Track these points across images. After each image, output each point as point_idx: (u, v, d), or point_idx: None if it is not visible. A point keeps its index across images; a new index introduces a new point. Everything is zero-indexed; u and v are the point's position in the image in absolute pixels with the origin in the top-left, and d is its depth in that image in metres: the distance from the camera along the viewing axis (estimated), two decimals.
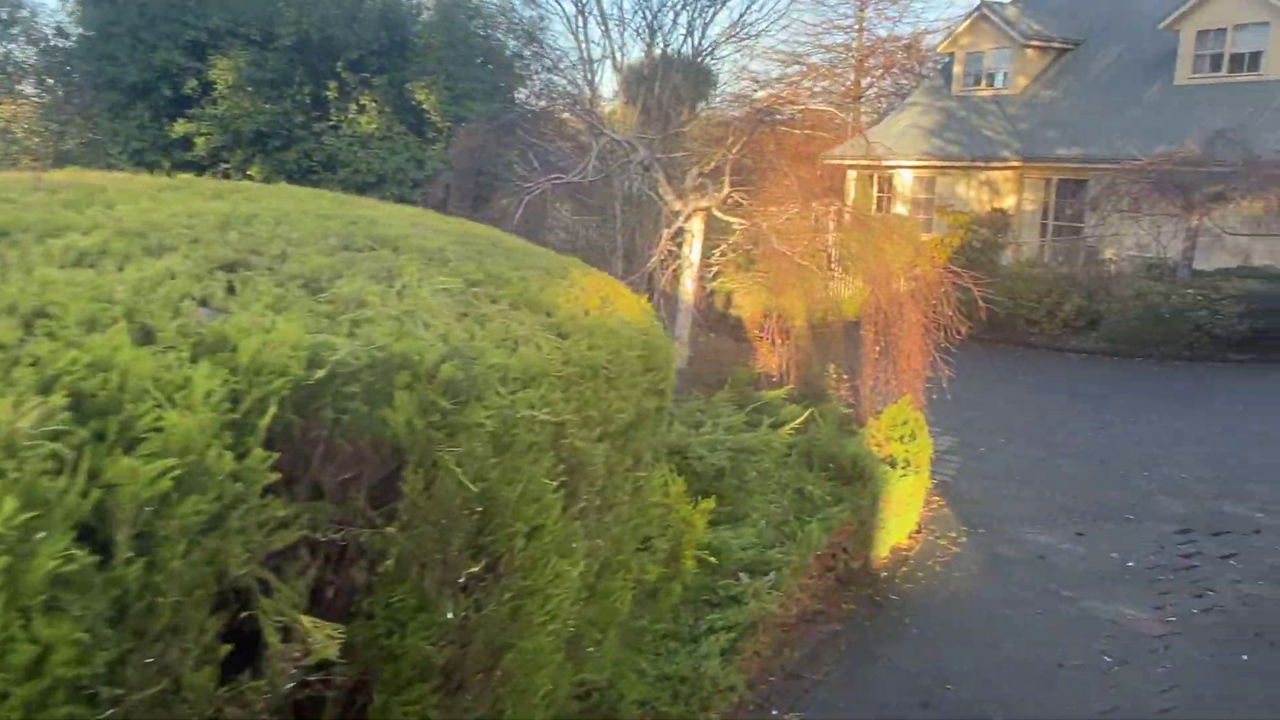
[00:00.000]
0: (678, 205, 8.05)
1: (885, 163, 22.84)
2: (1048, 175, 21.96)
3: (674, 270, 7.76)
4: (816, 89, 37.60)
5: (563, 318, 2.86)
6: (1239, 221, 15.90)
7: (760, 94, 36.57)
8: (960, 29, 25.09)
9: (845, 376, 9.56)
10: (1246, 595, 6.19)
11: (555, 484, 2.70)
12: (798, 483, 5.96)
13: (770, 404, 7.10)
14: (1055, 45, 24.23)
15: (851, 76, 37.09)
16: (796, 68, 37.13)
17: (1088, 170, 20.12)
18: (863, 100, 36.57)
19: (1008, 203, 22.73)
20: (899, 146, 22.64)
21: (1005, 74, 24.50)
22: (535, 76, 12.90)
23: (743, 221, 7.90)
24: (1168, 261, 16.69)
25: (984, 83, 24.94)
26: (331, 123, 11.70)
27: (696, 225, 8.24)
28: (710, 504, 4.03)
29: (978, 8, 24.12)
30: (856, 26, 36.55)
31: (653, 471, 3.66)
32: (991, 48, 24.61)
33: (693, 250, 8.17)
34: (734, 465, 5.55)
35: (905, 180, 23.19)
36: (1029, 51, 24.09)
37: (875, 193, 24.39)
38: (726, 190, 7.95)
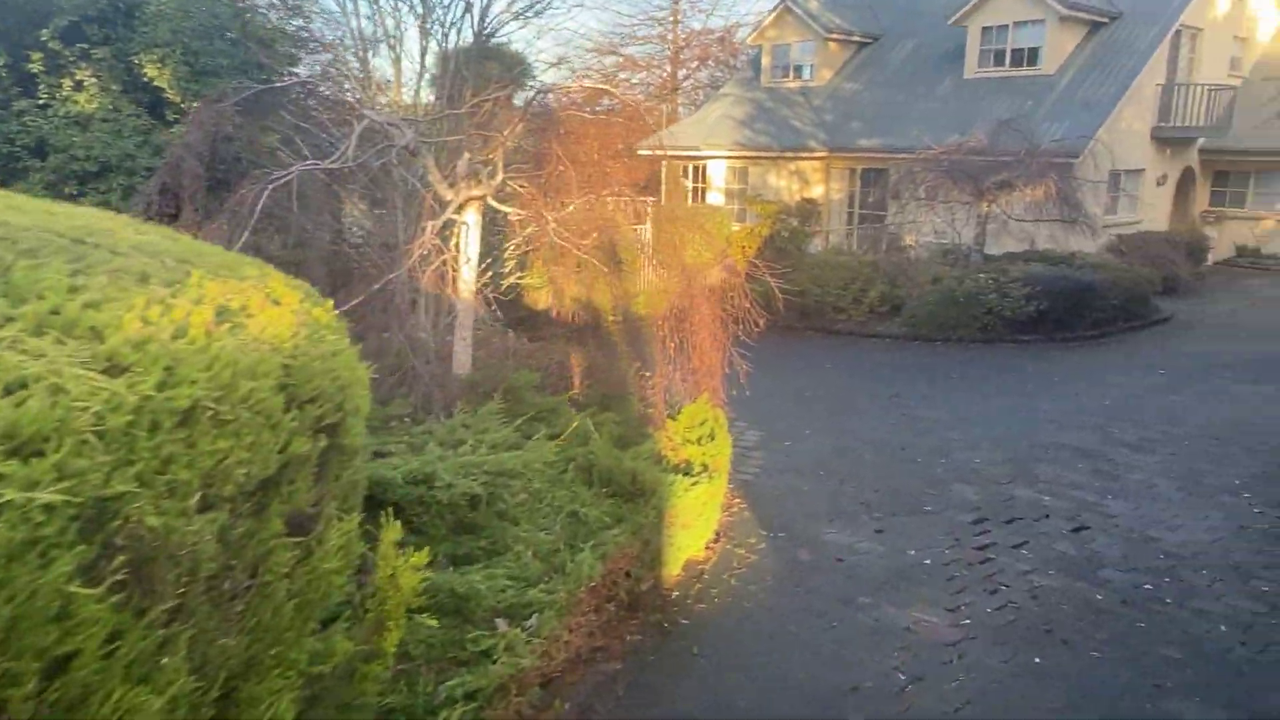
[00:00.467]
0: (448, 194, 7.18)
1: (699, 153, 22.73)
2: (853, 165, 22.48)
3: (437, 268, 6.89)
4: (635, 80, 37.43)
5: (121, 343, 1.99)
6: (1023, 208, 16.61)
7: (575, 84, 36.03)
8: (767, 21, 25.33)
9: (648, 375, 9.01)
10: (1037, 588, 6.02)
11: (103, 588, 1.86)
12: (574, 504, 5.26)
13: (554, 411, 6.39)
14: (856, 39, 24.84)
15: (668, 69, 37.15)
16: (614, 58, 36.83)
17: (888, 160, 20.66)
18: (680, 92, 36.69)
19: (816, 192, 23.11)
20: (712, 137, 22.58)
21: (811, 66, 24.93)
22: (309, 57, 11.61)
23: (519, 212, 7.13)
24: (962, 247, 17.26)
25: (791, 75, 25.30)
26: (40, 101, 9.96)
27: (472, 216, 7.40)
28: (422, 558, 3.25)
29: (782, 0, 24.38)
30: (672, 19, 36.62)
31: (335, 528, 2.84)
32: (797, 40, 24.97)
33: (468, 243, 7.33)
34: (493, 491, 4.79)
35: (719, 170, 23.17)
36: (831, 44, 24.59)
37: (691, 183, 24.28)
38: (500, 177, 7.15)
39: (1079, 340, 14.30)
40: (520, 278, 12.87)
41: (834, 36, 24.44)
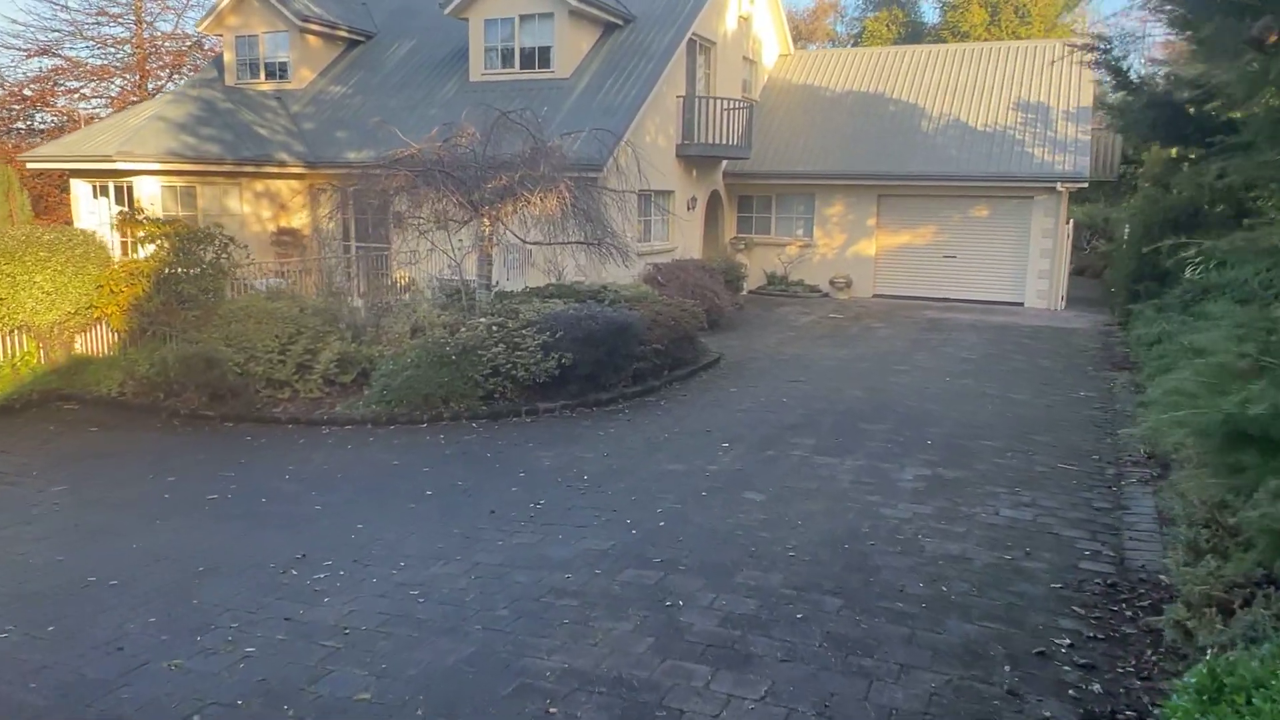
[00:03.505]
0: None
1: (115, 165, 15.34)
2: (345, 185, 16.74)
3: None
4: (86, 90, 28.12)
5: None
6: (541, 230, 12.13)
7: None
8: (225, 4, 18.71)
9: None
10: None
11: None
12: None
13: None
14: (343, 34, 19.24)
15: (136, 77, 28.41)
16: (51, 60, 27.23)
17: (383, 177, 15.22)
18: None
19: (299, 220, 16.97)
20: (132, 144, 15.34)
21: (287, 64, 18.80)
22: None
23: None
24: (470, 283, 12.35)
25: (263, 74, 18.94)
26: None
27: None
28: None
29: None
30: (134, 18, 28.00)
31: None
32: (266, 31, 18.70)
33: None
34: None
35: (153, 191, 15.94)
36: (311, 38, 18.71)
37: (120, 207, 16.68)
38: None
39: (617, 402, 9.96)
40: None
41: (313, 28, 18.60)
